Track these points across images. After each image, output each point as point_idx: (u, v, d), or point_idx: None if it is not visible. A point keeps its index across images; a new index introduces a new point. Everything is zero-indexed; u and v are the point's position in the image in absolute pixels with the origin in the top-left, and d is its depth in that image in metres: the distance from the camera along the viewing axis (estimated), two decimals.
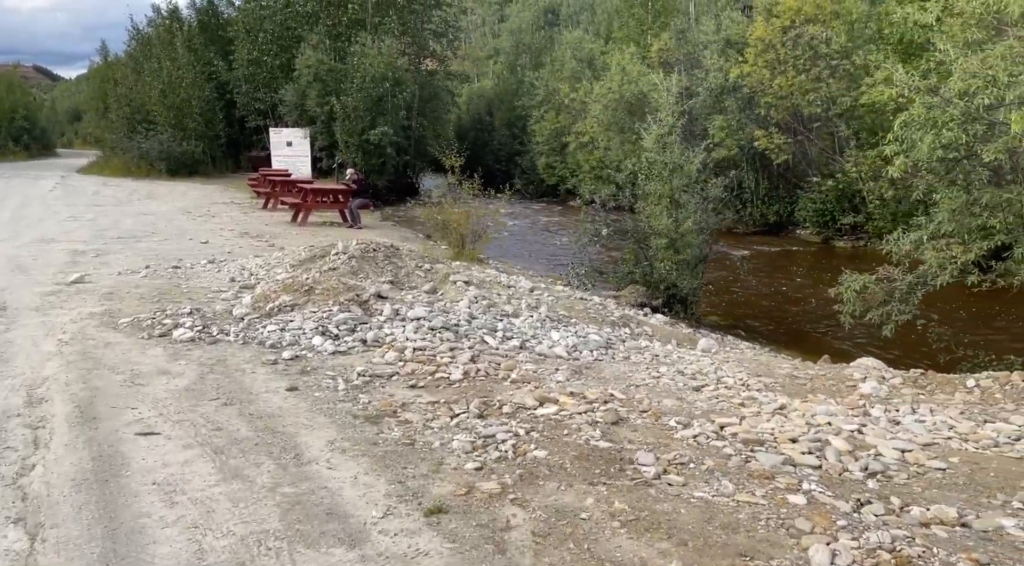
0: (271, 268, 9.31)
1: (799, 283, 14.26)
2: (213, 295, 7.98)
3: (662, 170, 10.30)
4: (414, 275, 8.31)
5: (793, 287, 14.03)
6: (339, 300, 6.83)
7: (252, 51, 33.30)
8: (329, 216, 18.32)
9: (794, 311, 12.39)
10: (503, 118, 37.95)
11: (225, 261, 10.59)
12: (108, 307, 7.32)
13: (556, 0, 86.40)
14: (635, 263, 10.79)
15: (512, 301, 7.82)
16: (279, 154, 31.54)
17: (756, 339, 10.18)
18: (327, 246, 9.39)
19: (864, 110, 16.25)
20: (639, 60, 22.99)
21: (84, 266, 9.73)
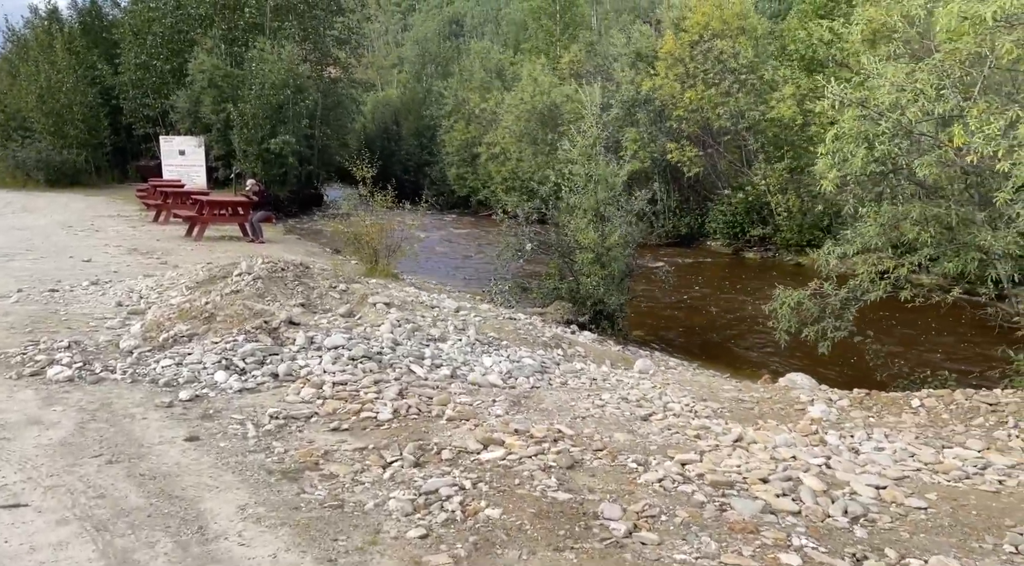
0: (164, 290, 8.39)
1: (715, 295, 14.32)
2: (96, 323, 7.05)
3: (587, 183, 10.00)
4: (328, 297, 7.63)
5: (709, 299, 14.06)
6: (245, 328, 6.09)
7: (140, 55, 31.34)
8: (227, 230, 17.20)
9: (714, 324, 12.36)
10: (411, 128, 37.23)
11: (111, 282, 9.54)
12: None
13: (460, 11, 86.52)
14: (560, 279, 10.43)
15: (438, 323, 7.27)
16: (171, 163, 29.74)
17: (682, 354, 10.00)
18: (228, 265, 8.55)
19: (768, 124, 16.59)
20: (550, 71, 22.87)
21: None
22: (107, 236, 15.61)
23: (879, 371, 7.22)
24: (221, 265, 8.67)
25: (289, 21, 30.56)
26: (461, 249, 22.41)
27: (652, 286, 11.75)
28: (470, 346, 6.72)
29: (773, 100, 14.75)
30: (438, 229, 27.17)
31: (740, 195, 17.30)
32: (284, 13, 30.93)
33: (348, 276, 8.38)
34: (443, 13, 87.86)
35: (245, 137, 28.20)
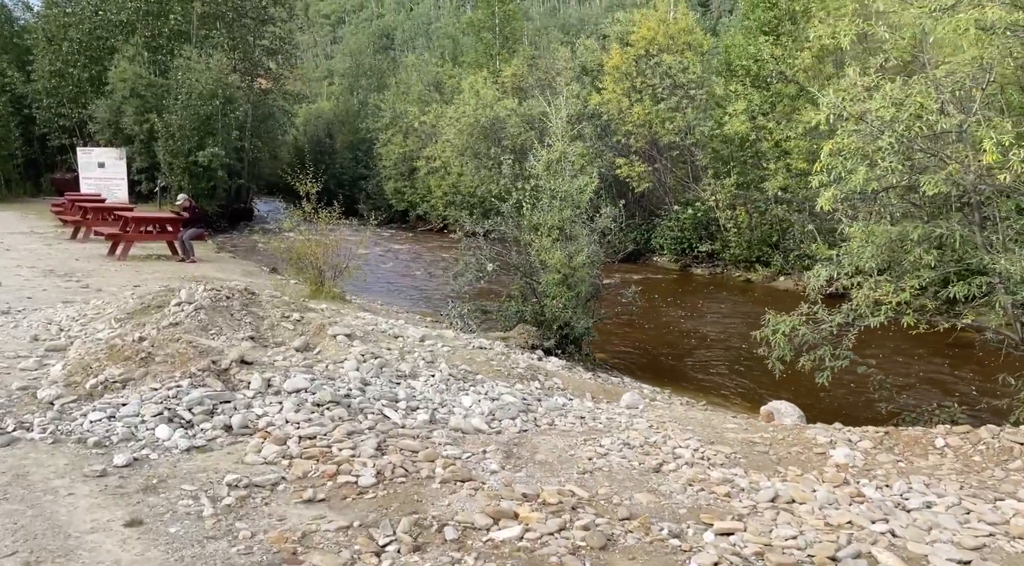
0: (88, 321, 7.36)
1: (670, 313, 13.97)
2: (8, 364, 6.02)
3: (552, 199, 9.43)
4: (280, 328, 6.79)
5: (664, 318, 13.70)
6: (189, 370, 5.23)
7: (55, 62, 29.38)
8: (154, 248, 15.94)
9: (675, 345, 11.97)
10: (345, 140, 36.16)
11: (24, 311, 8.41)
12: None
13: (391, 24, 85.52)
14: (523, 301, 9.80)
15: (406, 357, 6.52)
16: (89, 176, 27.85)
17: (652, 380, 9.52)
18: (163, 292, 7.59)
19: (715, 140, 16.46)
20: (492, 85, 22.36)
21: None
22: (19, 256, 14.19)
23: (884, 404, 6.84)
24: (154, 291, 7.69)
25: (217, 29, 29.20)
26: (403, 266, 21.57)
27: (610, 306, 11.25)
28: (444, 383, 6.01)
29: (726, 115, 14.58)
30: (376, 244, 26.19)
31: (689, 211, 17.13)
32: (211, 21, 29.56)
33: (300, 303, 7.53)
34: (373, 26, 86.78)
35: (171, 149, 26.66)
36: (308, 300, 11.42)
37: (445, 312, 10.33)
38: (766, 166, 14.97)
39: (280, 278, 15.73)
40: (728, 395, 9.03)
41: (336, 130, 37.86)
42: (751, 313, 14.28)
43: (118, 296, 8.18)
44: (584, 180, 9.55)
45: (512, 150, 21.49)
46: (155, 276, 12.62)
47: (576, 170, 18.21)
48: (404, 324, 8.88)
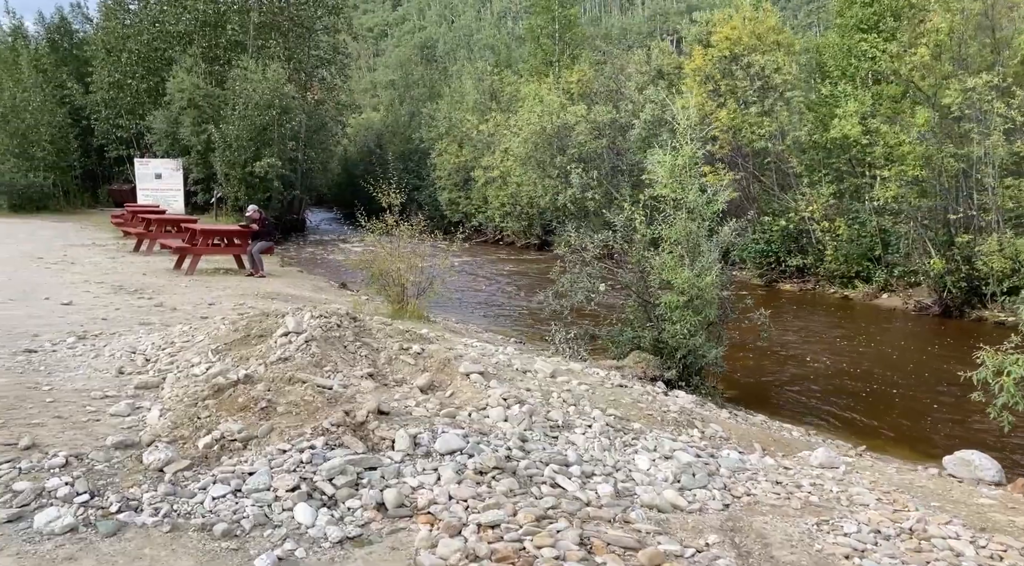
0: (178, 351, 6.44)
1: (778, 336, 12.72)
2: (96, 407, 5.09)
3: (675, 210, 8.33)
4: (399, 361, 5.78)
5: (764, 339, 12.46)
6: (320, 424, 4.21)
7: (114, 73, 29.13)
8: (219, 261, 15.18)
9: (788, 371, 10.75)
10: (396, 151, 35.41)
11: (102, 336, 7.54)
12: None
13: (432, 36, 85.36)
14: (640, 325, 8.68)
15: (549, 400, 5.46)
16: (146, 187, 27.46)
17: (791, 419, 8.34)
18: (258, 317, 6.65)
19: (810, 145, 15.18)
20: (560, 91, 21.31)
21: None
22: (84, 270, 13.49)
23: None
24: (248, 317, 6.75)
25: (273, 39, 28.66)
26: (466, 280, 20.60)
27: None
28: (605, 436, 4.93)
29: (832, 117, 13.35)
30: (432, 256, 25.31)
31: (782, 222, 15.85)
32: (268, 31, 29.04)
33: (415, 333, 6.50)
34: (415, 38, 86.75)
35: (228, 160, 26.13)
36: (391, 320, 10.48)
37: (548, 337, 9.24)
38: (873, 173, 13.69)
39: (350, 293, 14.84)
40: (883, 439, 7.81)
41: (386, 141, 37.16)
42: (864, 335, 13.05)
43: (208, 322, 7.25)
44: (714, 188, 8.42)
45: (579, 159, 20.48)
46: (227, 293, 11.78)
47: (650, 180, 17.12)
48: (512, 351, 7.84)
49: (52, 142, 28.32)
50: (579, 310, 10.07)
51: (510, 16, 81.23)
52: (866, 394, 9.79)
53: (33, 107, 27.68)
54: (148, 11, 29.17)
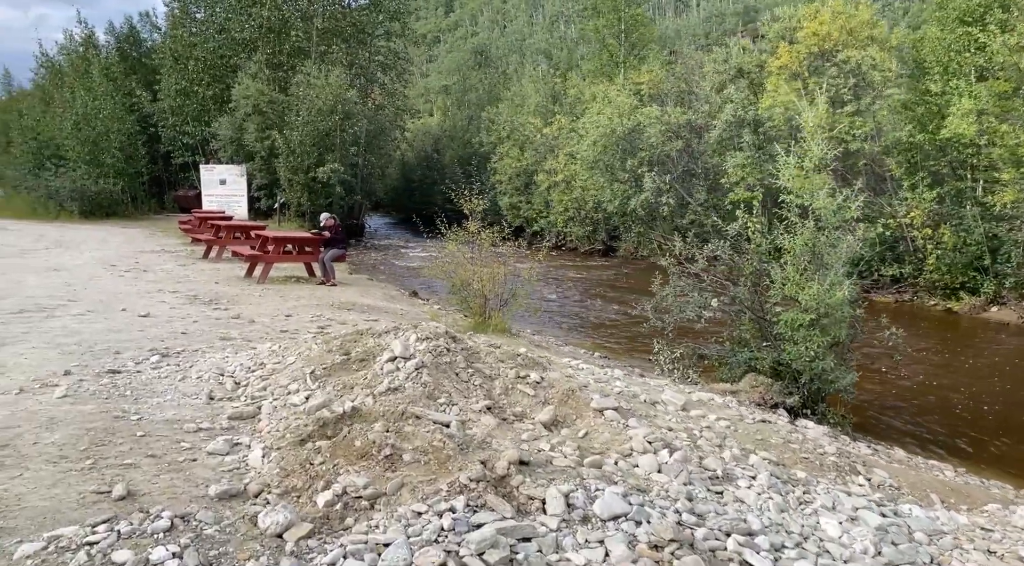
0: (270, 374, 5.87)
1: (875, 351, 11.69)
2: (191, 442, 4.53)
3: (801, 217, 7.49)
4: (517, 392, 5.09)
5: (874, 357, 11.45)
6: (457, 479, 3.54)
7: (180, 81, 29.32)
8: (287, 268, 14.79)
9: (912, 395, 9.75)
10: (455, 155, 34.99)
11: (184, 353, 7.06)
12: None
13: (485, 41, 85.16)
14: (756, 345, 7.85)
15: (697, 443, 4.71)
16: (211, 193, 27.56)
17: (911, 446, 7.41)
18: (352, 337, 6.05)
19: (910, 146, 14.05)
20: (632, 93, 20.45)
21: None
22: (157, 278, 13.22)
23: None
24: (342, 336, 6.16)
25: (336, 45, 28.47)
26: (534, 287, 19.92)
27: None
28: (776, 491, 4.16)
29: (948, 116, 12.26)
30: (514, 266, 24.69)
31: (879, 228, 14.78)
32: (330, 37, 28.87)
33: (529, 357, 5.80)
34: (468, 44, 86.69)
35: (291, 165, 26.04)
36: (472, 334, 9.85)
37: (653, 357, 8.45)
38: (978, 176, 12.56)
39: (422, 302, 14.30)
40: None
41: (444, 145, 36.79)
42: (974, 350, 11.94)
43: (298, 341, 6.68)
44: (845, 193, 7.55)
45: (649, 162, 19.63)
46: (301, 303, 11.31)
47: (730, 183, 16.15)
48: (619, 374, 7.11)
49: (121, 149, 28.63)
50: (679, 327, 9.28)
51: (562, 20, 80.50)
52: (992, 417, 8.79)
53: (104, 115, 28.01)
54: (214, 19, 29.32)
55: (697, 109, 18.21)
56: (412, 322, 11.23)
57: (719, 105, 17.96)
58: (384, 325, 6.24)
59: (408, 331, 5.66)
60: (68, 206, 26.78)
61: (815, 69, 15.12)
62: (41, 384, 5.74)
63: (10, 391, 5.53)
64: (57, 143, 28.89)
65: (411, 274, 21.21)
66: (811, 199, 7.40)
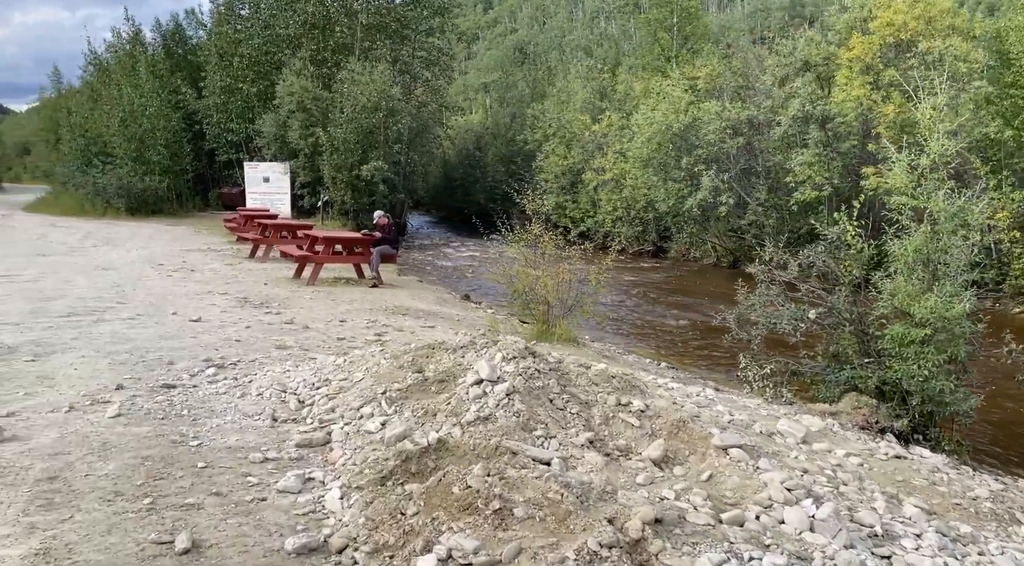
0: (336, 392, 5.35)
1: None
2: (259, 479, 3.99)
3: (915, 221, 6.74)
4: (618, 421, 4.47)
5: None
6: (584, 544, 2.93)
7: (225, 78, 29.20)
8: (335, 268, 14.35)
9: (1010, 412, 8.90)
10: (497, 153, 34.40)
11: (240, 364, 6.58)
12: (41, 544, 3.27)
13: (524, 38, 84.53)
14: (858, 362, 7.11)
15: (841, 489, 4.04)
16: (255, 191, 27.37)
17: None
18: (423, 351, 5.49)
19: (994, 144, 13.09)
20: (687, 88, 19.60)
21: (5, 389, 5.59)
22: (205, 278, 12.87)
23: None
24: (412, 351, 5.61)
25: (380, 41, 28.08)
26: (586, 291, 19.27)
27: None
28: (951, 555, 3.48)
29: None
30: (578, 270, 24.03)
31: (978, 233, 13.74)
32: (374, 33, 28.50)
33: (626, 379, 5.16)
34: (507, 41, 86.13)
35: (334, 163, 25.70)
36: (536, 343, 9.25)
37: (739, 373, 7.75)
38: None
39: (474, 306, 13.75)
40: None
41: (486, 143, 36.24)
42: None
43: (365, 356, 6.13)
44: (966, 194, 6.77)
45: (706, 160, 18.82)
46: (354, 307, 10.84)
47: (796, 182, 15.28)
48: (711, 394, 6.45)
49: (167, 146, 28.62)
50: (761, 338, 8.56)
51: (603, 16, 79.45)
52: None
53: (150, 112, 28.02)
54: (259, 16, 29.16)
55: (759, 104, 17.36)
56: (468, 327, 10.69)
57: (782, 100, 17.10)
58: (457, 338, 5.67)
59: (490, 348, 5.07)
60: (115, 203, 26.83)
61: (889, 61, 14.19)
62: (92, 400, 5.29)
63: (60, 408, 5.08)
64: (104, 140, 28.99)
65: (457, 275, 20.72)
66: (926, 200, 6.63)
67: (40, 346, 6.98)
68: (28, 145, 76.17)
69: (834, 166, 15.33)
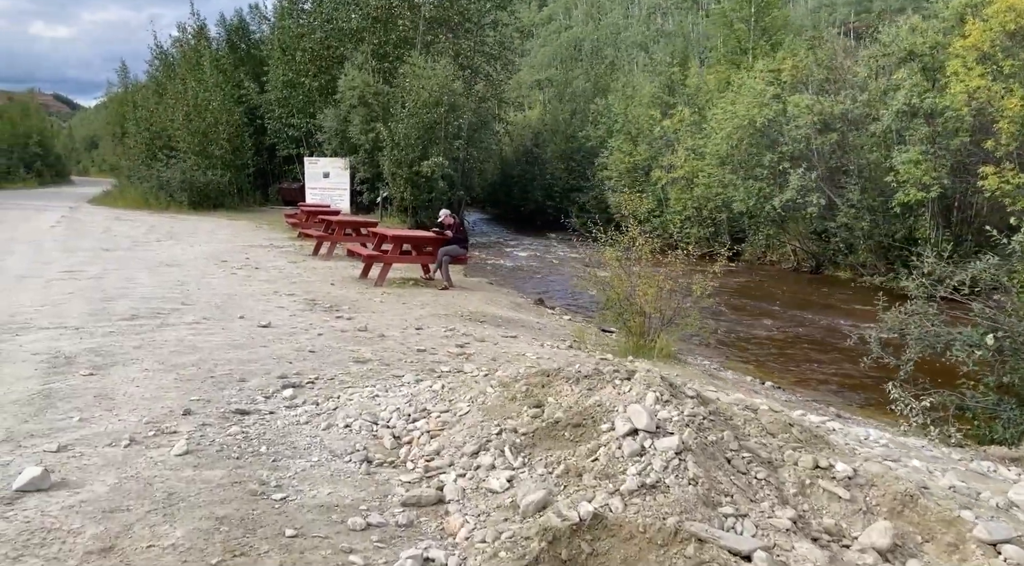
0: (438, 427, 4.41)
1: None
2: (363, 559, 3.08)
3: None
4: (816, 490, 3.43)
5: None
6: None
7: (287, 72, 28.75)
8: (402, 269, 13.53)
9: None
10: (556, 150, 33.31)
11: (318, 382, 5.71)
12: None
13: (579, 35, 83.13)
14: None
15: None
16: (314, 186, 26.85)
17: None
18: (538, 377, 4.52)
19: None
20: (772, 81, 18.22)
21: (60, 411, 4.80)
22: (270, 276, 12.16)
23: None
24: (526, 376, 4.64)
25: (443, 34, 27.26)
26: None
27: None
28: None
29: None
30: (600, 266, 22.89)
31: None
32: (437, 26, 27.69)
33: (809, 432, 4.09)
34: (562, 38, 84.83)
35: (395, 159, 24.95)
36: (633, 359, 8.22)
37: (896, 405, 6.57)
38: None
39: (551, 313, 12.77)
40: None
41: (545, 140, 35.18)
42: None
43: (467, 381, 5.19)
44: None
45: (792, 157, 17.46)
46: (427, 312, 9.95)
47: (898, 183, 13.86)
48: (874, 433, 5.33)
49: (229, 141, 28.33)
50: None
51: (659, 12, 77.61)
52: None
53: (214, 106, 27.75)
54: (321, 10, 28.62)
55: (854, 98, 15.91)
56: (551, 337, 9.71)
57: (878, 93, 15.65)
58: (578, 364, 4.68)
59: (629, 381, 4.07)
60: (178, 197, 26.61)
61: (1008, 50, 12.71)
62: (156, 429, 4.45)
63: (119, 440, 4.25)
64: (169, 134, 28.86)
65: (522, 275, 19.79)
66: None
67: (100, 356, 6.23)
68: (96, 139, 77.96)
69: (942, 165, 13.87)
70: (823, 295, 16.74)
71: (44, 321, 7.61)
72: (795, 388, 9.71)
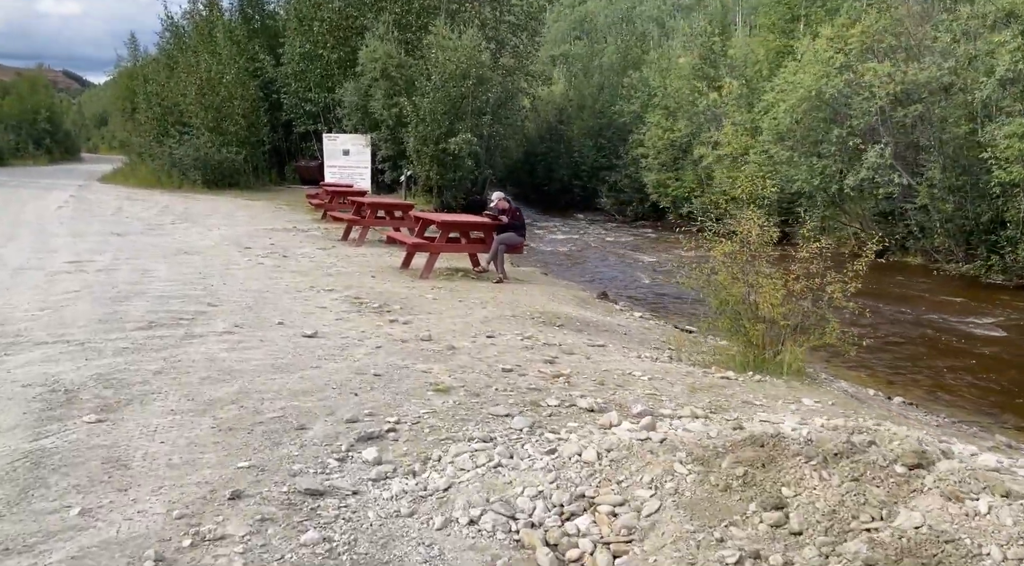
0: (618, 535, 2.87)
1: None
2: None
3: None
4: None
5: None
6: None
7: (305, 44, 26.95)
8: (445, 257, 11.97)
9: None
10: (583, 126, 31.47)
11: (400, 430, 4.17)
12: None
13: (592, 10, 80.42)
14: None
15: None
16: (333, 164, 25.14)
17: None
18: (748, 445, 2.98)
19: None
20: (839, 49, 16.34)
21: (52, 493, 3.29)
22: (301, 267, 10.63)
23: None
24: (730, 451, 3.08)
25: (468, 2, 25.40)
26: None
27: None
28: None
29: None
30: (636, 249, 21.28)
31: None
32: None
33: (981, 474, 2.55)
34: (575, 13, 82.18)
35: (420, 135, 23.25)
36: (753, 375, 6.69)
37: None
38: None
39: (620, 310, 11.18)
40: None
41: (570, 116, 33.30)
42: None
43: (636, 453, 3.58)
44: None
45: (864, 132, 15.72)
46: (487, 312, 8.40)
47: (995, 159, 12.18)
48: None
49: (244, 116, 26.65)
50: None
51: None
52: None
53: (227, 80, 26.04)
54: None
55: (939, 65, 14.13)
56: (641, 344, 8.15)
57: (965, 59, 13.89)
58: (807, 430, 3.11)
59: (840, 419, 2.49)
60: (191, 175, 25.03)
61: None
62: (194, 535, 2.92)
63: (140, 559, 2.71)
64: (181, 109, 27.19)
65: (564, 260, 18.21)
66: None
67: (111, 387, 4.70)
68: (105, 115, 76.22)
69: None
70: (899, 284, 15.12)
71: (42, 332, 6.08)
72: (926, 403, 8.15)
